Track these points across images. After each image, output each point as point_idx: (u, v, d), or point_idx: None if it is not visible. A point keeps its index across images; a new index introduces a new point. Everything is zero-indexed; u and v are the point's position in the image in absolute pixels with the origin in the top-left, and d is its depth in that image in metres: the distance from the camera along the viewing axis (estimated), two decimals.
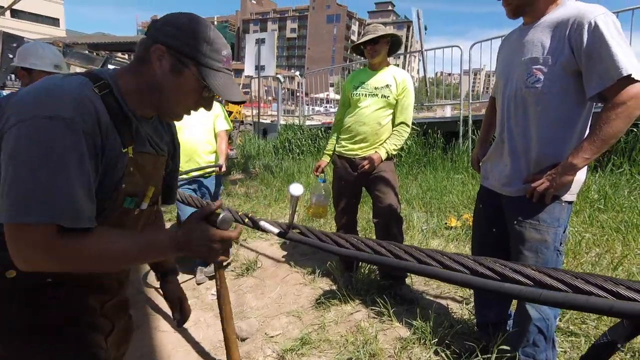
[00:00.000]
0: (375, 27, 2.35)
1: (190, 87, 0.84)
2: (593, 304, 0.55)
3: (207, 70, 0.83)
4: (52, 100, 0.69)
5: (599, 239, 2.86)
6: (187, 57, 0.81)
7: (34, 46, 1.95)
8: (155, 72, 0.83)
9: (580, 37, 1.20)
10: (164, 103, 0.86)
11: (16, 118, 0.68)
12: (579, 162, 1.25)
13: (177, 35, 0.81)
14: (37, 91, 0.71)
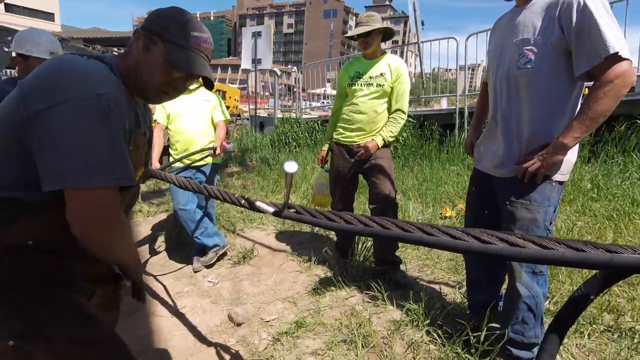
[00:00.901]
0: (368, 18, 2.35)
1: (157, 63, 0.89)
2: (568, 257, 0.58)
3: (172, 46, 0.89)
4: (95, 79, 0.78)
5: (591, 227, 2.90)
6: (155, 35, 0.89)
7: (31, 33, 1.95)
8: (133, 52, 0.92)
9: (570, 16, 1.21)
10: (140, 82, 0.92)
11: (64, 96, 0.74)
12: (569, 142, 1.27)
13: (153, 20, 0.92)
14: (74, 71, 0.78)
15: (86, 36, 27.30)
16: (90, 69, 0.80)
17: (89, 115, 0.74)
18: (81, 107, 0.73)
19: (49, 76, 0.77)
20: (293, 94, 12.23)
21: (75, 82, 0.75)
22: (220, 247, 2.94)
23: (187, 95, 2.88)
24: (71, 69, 0.78)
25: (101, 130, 0.75)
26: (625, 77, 1.16)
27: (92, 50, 11.40)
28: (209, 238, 2.89)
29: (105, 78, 0.80)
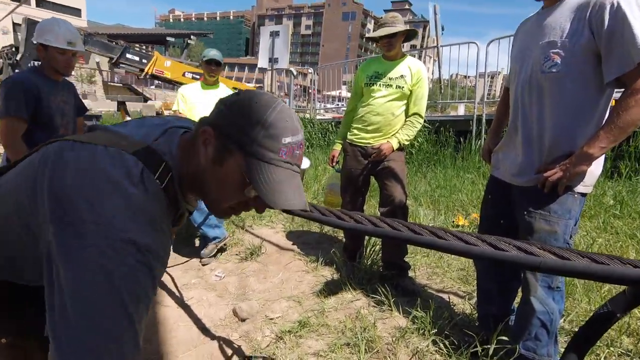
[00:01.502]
0: (393, 19, 2.30)
1: (231, 181, 0.65)
2: (593, 270, 0.54)
3: (255, 161, 0.63)
4: (126, 215, 0.52)
5: (613, 245, 2.80)
6: (232, 142, 0.63)
7: (50, 22, 1.98)
8: (200, 159, 0.66)
9: (602, 18, 1.15)
10: (207, 197, 0.70)
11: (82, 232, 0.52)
12: (595, 152, 1.21)
13: (226, 115, 0.65)
14: (101, 190, 0.54)
15: (110, 32, 28.02)
16: (124, 193, 0.55)
17: (112, 274, 0.51)
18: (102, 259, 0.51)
19: (66, 185, 0.55)
20: (308, 94, 12.25)
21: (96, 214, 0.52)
22: (220, 239, 2.94)
23: (208, 90, 2.90)
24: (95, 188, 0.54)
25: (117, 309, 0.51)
26: None
27: (114, 45, 11.63)
28: (211, 229, 2.89)
29: (144, 213, 0.56)
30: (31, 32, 9.58)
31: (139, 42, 30.96)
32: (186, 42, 24.37)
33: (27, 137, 1.85)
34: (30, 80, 1.87)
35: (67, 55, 1.97)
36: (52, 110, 1.93)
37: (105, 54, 11.97)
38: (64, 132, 2.01)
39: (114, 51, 11.78)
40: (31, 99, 1.83)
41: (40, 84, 1.89)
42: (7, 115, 1.77)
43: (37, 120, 1.87)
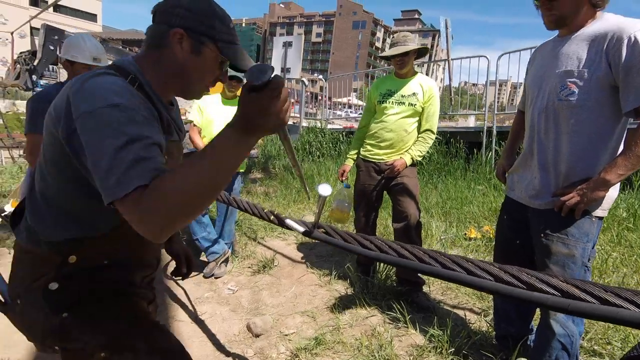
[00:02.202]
0: (404, 38, 2.34)
1: (210, 64, 0.87)
2: (625, 316, 0.54)
3: (224, 44, 0.86)
4: (106, 93, 0.73)
5: (627, 259, 2.77)
6: (204, 36, 0.84)
7: (77, 39, 2.05)
8: (177, 56, 0.85)
9: (619, 51, 1.17)
10: (187, 84, 0.89)
11: (80, 110, 0.73)
12: (613, 178, 1.22)
13: (190, 17, 0.83)
14: (88, 87, 0.76)
15: (125, 37, 28.60)
16: (103, 84, 0.75)
17: (102, 125, 0.70)
18: (95, 120, 0.70)
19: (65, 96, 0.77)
20: (318, 101, 12.31)
21: (95, 97, 0.73)
22: (219, 254, 2.91)
23: (228, 105, 2.95)
24: (84, 87, 0.75)
25: (118, 134, 0.70)
26: None
27: (129, 51, 11.89)
28: (208, 243, 2.89)
29: (119, 90, 0.75)
30: (49, 38, 9.84)
31: None
32: None
33: None
34: (55, 96, 1.94)
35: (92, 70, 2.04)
36: None
37: None
38: None
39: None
40: None
41: None
42: (34, 131, 1.83)
43: None
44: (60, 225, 0.85)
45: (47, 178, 0.85)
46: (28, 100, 1.92)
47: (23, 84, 9.40)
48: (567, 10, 1.31)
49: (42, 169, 0.86)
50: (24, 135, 1.89)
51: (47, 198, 0.86)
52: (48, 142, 0.83)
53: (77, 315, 0.88)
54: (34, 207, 0.88)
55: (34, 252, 0.88)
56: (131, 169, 0.67)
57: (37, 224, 0.87)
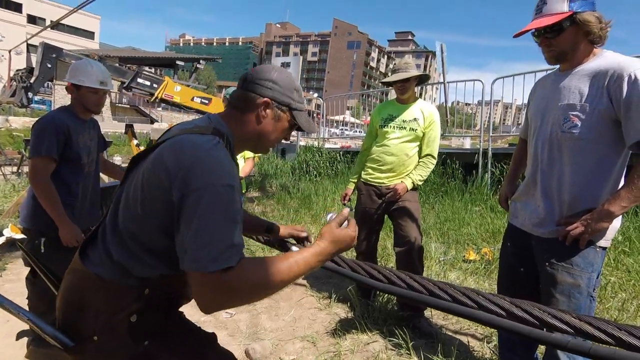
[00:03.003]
0: (406, 65, 2.41)
1: (284, 128, 1.05)
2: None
3: (297, 112, 1.05)
4: (223, 170, 0.85)
5: (625, 284, 2.78)
6: (285, 105, 1.02)
7: (84, 64, 2.07)
8: (260, 120, 1.01)
9: (620, 88, 1.22)
10: (263, 143, 1.06)
11: (200, 182, 0.81)
12: (616, 210, 1.25)
13: (276, 89, 1.01)
14: (207, 158, 0.85)
15: (122, 55, 28.81)
16: (221, 160, 0.86)
17: (215, 203, 0.80)
18: (211, 196, 0.80)
19: (185, 161, 0.84)
20: (313, 119, 12.42)
21: (214, 173, 0.83)
22: None
23: None
24: (208, 159, 0.84)
25: (227, 215, 0.81)
26: None
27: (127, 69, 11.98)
28: None
29: (231, 170, 0.86)
30: (47, 55, 9.92)
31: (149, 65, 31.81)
32: (195, 66, 25.02)
33: (53, 174, 1.90)
34: (61, 120, 1.94)
35: (98, 94, 2.05)
36: (79, 149, 1.99)
37: (117, 78, 12.32)
38: (88, 170, 2.06)
39: (126, 75, 12.11)
40: (61, 138, 1.89)
41: (70, 123, 1.95)
42: (38, 155, 1.83)
43: (65, 159, 1.93)
44: (149, 264, 0.91)
45: (141, 222, 0.90)
46: (34, 124, 1.92)
47: (18, 101, 9.40)
48: (566, 47, 1.36)
49: (133, 211, 0.90)
50: (28, 159, 1.88)
51: (138, 238, 0.91)
52: (151, 193, 0.87)
53: (156, 341, 0.97)
54: (122, 245, 0.92)
55: (112, 285, 0.91)
56: (227, 251, 0.78)
57: (127, 260, 0.91)
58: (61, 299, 0.98)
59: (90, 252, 0.97)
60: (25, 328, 1.05)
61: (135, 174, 0.94)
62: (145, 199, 0.88)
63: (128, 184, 0.95)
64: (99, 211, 2.22)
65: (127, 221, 0.92)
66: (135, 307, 0.92)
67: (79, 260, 0.97)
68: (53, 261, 1.91)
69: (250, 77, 1.01)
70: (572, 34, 1.33)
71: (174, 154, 0.86)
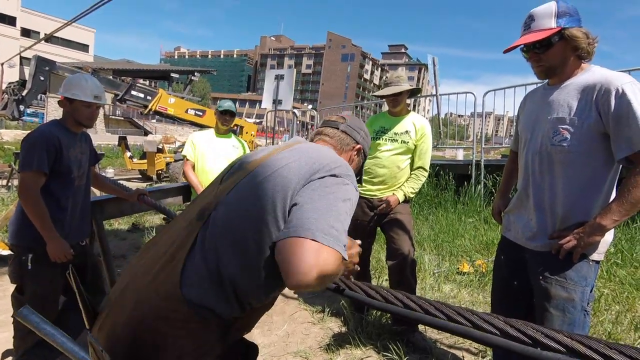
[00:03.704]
0: (398, 79, 2.43)
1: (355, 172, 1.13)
2: None
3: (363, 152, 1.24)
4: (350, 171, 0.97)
5: (619, 296, 2.79)
6: (364, 153, 1.23)
7: (78, 78, 2.07)
8: (351, 162, 1.17)
9: (608, 102, 1.24)
10: None
11: (341, 170, 0.93)
12: (608, 224, 1.26)
13: (365, 139, 1.23)
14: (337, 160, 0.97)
15: (116, 67, 28.87)
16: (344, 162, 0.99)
17: (352, 192, 0.91)
18: (348, 184, 0.92)
19: (320, 157, 0.95)
20: (307, 131, 12.50)
21: (344, 167, 0.95)
22: None
23: (221, 138, 2.98)
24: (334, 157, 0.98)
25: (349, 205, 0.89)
26: None
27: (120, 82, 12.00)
28: None
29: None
30: (40, 68, 9.91)
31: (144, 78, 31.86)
32: (190, 79, 25.12)
33: (43, 188, 1.87)
34: (52, 134, 1.92)
35: (92, 108, 2.04)
36: (70, 162, 1.97)
37: (110, 91, 12.33)
38: (78, 184, 2.03)
39: (120, 88, 12.13)
40: (52, 152, 1.87)
41: (62, 137, 1.93)
42: (29, 169, 1.80)
43: (55, 172, 1.90)
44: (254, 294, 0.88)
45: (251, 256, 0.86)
46: (24, 137, 1.90)
47: (10, 113, 9.35)
48: (555, 62, 1.38)
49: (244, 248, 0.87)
50: (18, 172, 1.85)
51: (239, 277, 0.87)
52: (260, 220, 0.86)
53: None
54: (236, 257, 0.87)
55: (202, 319, 0.83)
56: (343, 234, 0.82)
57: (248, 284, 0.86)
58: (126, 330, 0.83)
59: (186, 271, 0.84)
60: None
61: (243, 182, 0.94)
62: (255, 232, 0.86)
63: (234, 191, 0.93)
64: (90, 226, 2.19)
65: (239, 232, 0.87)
66: (219, 349, 0.87)
67: (175, 280, 0.83)
68: (40, 278, 1.89)
69: (350, 123, 1.18)
70: (560, 49, 1.36)
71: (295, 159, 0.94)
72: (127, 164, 10.88)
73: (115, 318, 0.85)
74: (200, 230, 0.89)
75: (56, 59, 10.02)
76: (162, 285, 0.84)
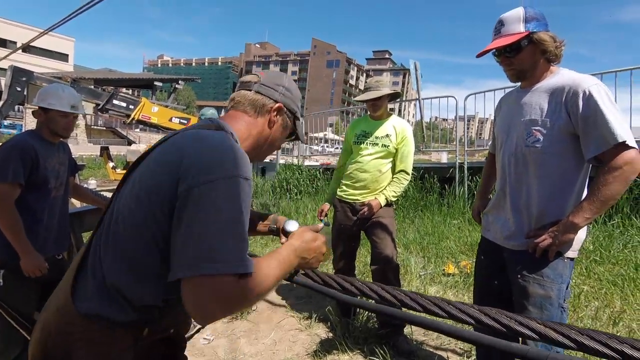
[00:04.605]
0: (377, 83, 2.45)
1: (285, 135, 1.04)
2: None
3: (298, 122, 1.05)
4: (241, 162, 0.77)
5: (598, 292, 2.85)
6: (292, 114, 1.02)
7: (54, 88, 2.03)
8: (271, 126, 0.98)
9: (576, 104, 1.28)
10: (267, 150, 1.02)
11: (217, 174, 0.73)
12: (580, 222, 1.29)
13: (289, 96, 1.01)
14: (224, 149, 0.78)
15: (97, 77, 28.38)
16: (234, 148, 0.79)
17: (229, 197, 0.72)
18: (224, 189, 0.72)
19: (198, 153, 0.77)
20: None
21: (228, 163, 0.75)
22: None
23: None
24: (220, 147, 0.78)
25: (239, 212, 0.73)
26: (634, 164, 1.21)
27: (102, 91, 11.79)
28: None
29: (247, 161, 0.80)
30: (16, 79, 9.66)
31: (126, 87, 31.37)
32: (174, 87, 24.86)
33: (18, 200, 1.82)
34: (28, 143, 1.87)
35: (68, 118, 2.00)
36: (47, 173, 1.92)
37: (92, 100, 12.09)
38: (55, 195, 1.98)
39: (101, 97, 11.91)
40: (28, 163, 1.82)
41: (38, 147, 1.89)
42: (4, 181, 1.75)
43: (32, 184, 1.85)
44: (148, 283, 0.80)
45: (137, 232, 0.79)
46: None
47: None
48: (525, 65, 1.43)
49: (128, 221, 0.80)
50: None
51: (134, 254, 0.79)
52: (151, 194, 0.77)
53: None
54: (116, 265, 0.80)
55: (104, 328, 0.79)
56: (243, 251, 0.72)
57: (123, 282, 0.79)
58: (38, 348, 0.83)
59: (78, 285, 0.82)
60: None
61: (127, 185, 0.85)
62: (142, 202, 0.78)
63: (119, 197, 0.85)
64: (68, 239, 2.13)
65: (120, 235, 0.80)
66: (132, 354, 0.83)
67: (67, 296, 0.81)
68: (14, 294, 1.82)
69: (263, 80, 0.98)
70: (530, 53, 1.41)
71: (181, 147, 0.79)
72: (109, 175, 10.69)
73: (34, 335, 0.86)
74: (94, 237, 0.87)
75: (35, 69, 9.81)
76: (59, 300, 0.84)
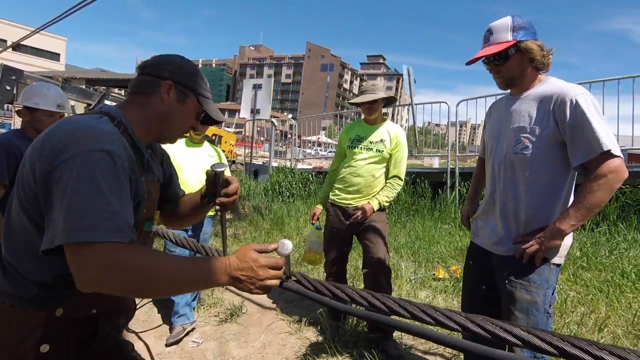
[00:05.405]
0: (373, 87, 2.46)
1: (190, 113, 1.02)
2: None
3: (203, 98, 1.02)
4: (100, 137, 0.78)
5: (584, 298, 2.89)
6: (189, 89, 0.99)
7: (40, 86, 2.01)
8: (163, 103, 0.97)
9: (564, 112, 1.31)
10: (168, 128, 1.01)
11: (71, 152, 0.75)
12: (566, 228, 1.32)
13: (179, 73, 0.98)
14: (81, 129, 0.79)
15: (89, 77, 27.99)
16: (94, 125, 0.81)
17: (88, 171, 0.73)
18: (82, 163, 0.74)
19: (57, 136, 0.79)
20: (287, 140, 12.50)
21: (84, 139, 0.77)
22: (189, 322, 2.69)
23: (193, 148, 2.93)
24: (80, 127, 0.80)
25: (100, 184, 0.73)
26: (618, 172, 1.24)
27: (93, 91, 11.64)
28: (183, 301, 2.69)
29: (109, 135, 0.81)
30: (6, 77, 9.50)
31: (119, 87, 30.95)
32: None
33: (3, 200, 1.80)
34: (13, 143, 1.85)
35: (54, 117, 1.98)
36: None
37: (83, 100, 11.93)
38: None
39: (93, 97, 11.76)
40: (13, 163, 1.80)
41: (23, 146, 1.87)
42: None
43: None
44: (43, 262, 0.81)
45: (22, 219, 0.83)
46: None
47: None
48: (514, 73, 1.46)
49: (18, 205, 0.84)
50: None
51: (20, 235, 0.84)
52: (25, 184, 0.81)
53: None
54: (11, 246, 0.85)
55: (15, 307, 0.83)
56: (111, 220, 0.72)
57: (16, 259, 0.84)
58: None
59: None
60: None
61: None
62: (19, 184, 0.83)
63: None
64: None
65: (11, 214, 0.87)
66: (42, 332, 0.82)
67: None
68: None
69: (150, 62, 0.99)
70: (518, 61, 1.43)
71: (47, 132, 0.82)
72: None
73: None
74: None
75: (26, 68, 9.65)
76: None
